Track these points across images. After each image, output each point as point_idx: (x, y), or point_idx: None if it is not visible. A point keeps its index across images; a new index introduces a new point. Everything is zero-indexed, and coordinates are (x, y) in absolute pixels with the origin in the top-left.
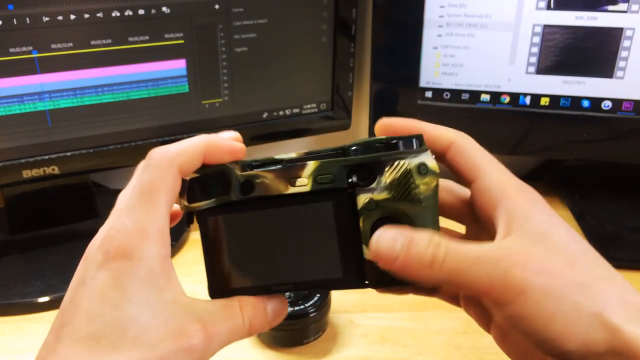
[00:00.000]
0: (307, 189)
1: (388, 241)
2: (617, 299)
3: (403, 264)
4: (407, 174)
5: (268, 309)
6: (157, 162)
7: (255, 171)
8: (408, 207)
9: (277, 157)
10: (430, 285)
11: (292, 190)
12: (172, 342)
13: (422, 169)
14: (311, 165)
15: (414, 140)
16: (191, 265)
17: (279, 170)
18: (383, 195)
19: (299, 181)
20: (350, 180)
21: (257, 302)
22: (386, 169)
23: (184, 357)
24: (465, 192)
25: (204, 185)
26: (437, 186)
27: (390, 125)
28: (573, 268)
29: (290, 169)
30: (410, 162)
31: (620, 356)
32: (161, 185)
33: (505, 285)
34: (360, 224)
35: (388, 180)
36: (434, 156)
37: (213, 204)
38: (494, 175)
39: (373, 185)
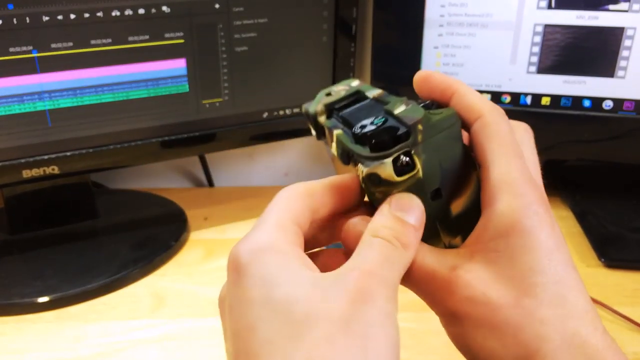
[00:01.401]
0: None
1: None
2: (560, 341)
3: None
4: (363, 181)
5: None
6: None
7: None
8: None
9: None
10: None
11: None
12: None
13: (374, 178)
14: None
15: (403, 131)
16: (191, 266)
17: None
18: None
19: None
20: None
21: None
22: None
23: None
24: None
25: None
26: (405, 190)
27: (427, 79)
28: (520, 304)
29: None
30: (364, 170)
31: None
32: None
33: (443, 308)
34: None
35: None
36: (400, 162)
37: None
38: (499, 169)
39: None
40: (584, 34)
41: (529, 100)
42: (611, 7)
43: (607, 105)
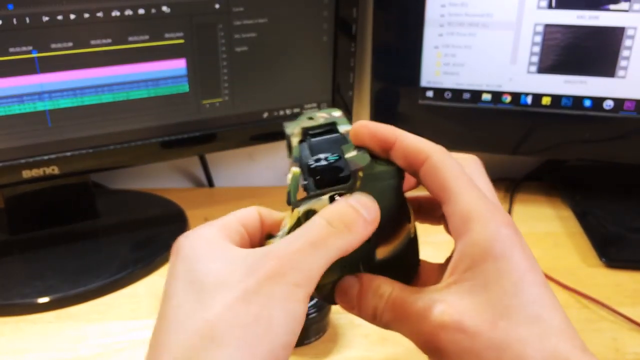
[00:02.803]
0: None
1: (345, 286)
2: (543, 358)
3: (356, 311)
4: (297, 221)
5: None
6: None
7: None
8: None
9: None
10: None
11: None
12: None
13: (310, 214)
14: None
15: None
16: None
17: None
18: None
19: None
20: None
21: None
22: (289, 214)
23: None
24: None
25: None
26: None
27: (367, 130)
28: (496, 327)
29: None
30: (300, 210)
31: None
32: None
33: (424, 343)
34: None
35: (287, 228)
36: (335, 200)
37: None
38: (461, 202)
39: (280, 233)
40: (585, 33)
41: (529, 100)
42: (612, 7)
43: (608, 105)
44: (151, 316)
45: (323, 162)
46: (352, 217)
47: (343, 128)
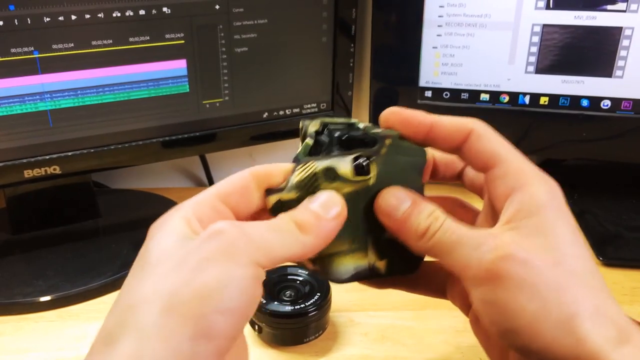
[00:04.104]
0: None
1: (394, 200)
2: (593, 309)
3: (398, 224)
4: (313, 176)
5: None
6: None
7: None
8: None
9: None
10: (419, 252)
11: None
12: None
13: (330, 173)
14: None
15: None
16: None
17: None
18: (291, 194)
19: None
20: None
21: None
22: (297, 167)
23: None
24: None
25: None
26: (350, 193)
27: (399, 117)
28: (556, 268)
29: None
30: (318, 165)
31: None
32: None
33: (480, 268)
34: None
35: (295, 180)
36: (358, 162)
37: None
38: (513, 164)
39: (283, 185)
40: (582, 34)
41: (527, 100)
42: (609, 7)
43: (605, 104)
44: None
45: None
46: (303, 216)
47: (363, 125)
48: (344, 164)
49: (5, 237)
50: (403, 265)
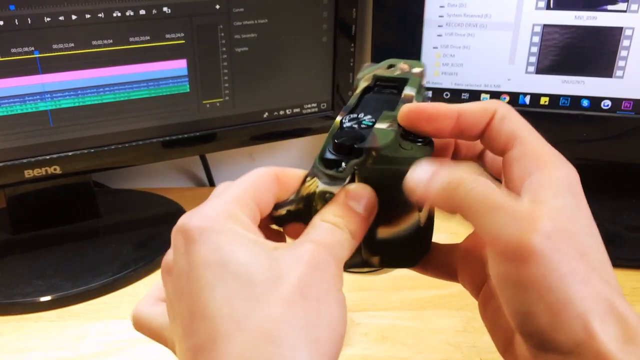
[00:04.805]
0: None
1: (426, 164)
2: (607, 307)
3: (430, 179)
4: (311, 195)
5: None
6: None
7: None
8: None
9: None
10: (446, 209)
11: None
12: None
13: (328, 197)
14: None
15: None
16: None
17: None
18: (293, 206)
19: None
20: None
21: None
22: (307, 179)
23: None
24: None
25: None
26: None
27: (422, 115)
28: (580, 260)
29: None
30: (318, 186)
31: None
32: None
33: (513, 242)
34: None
35: (303, 193)
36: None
37: None
38: (533, 145)
39: (292, 198)
40: (583, 34)
41: (527, 100)
42: (609, 7)
43: (606, 104)
44: None
45: (353, 125)
46: (350, 219)
47: (408, 90)
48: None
49: (5, 237)
50: (400, 260)
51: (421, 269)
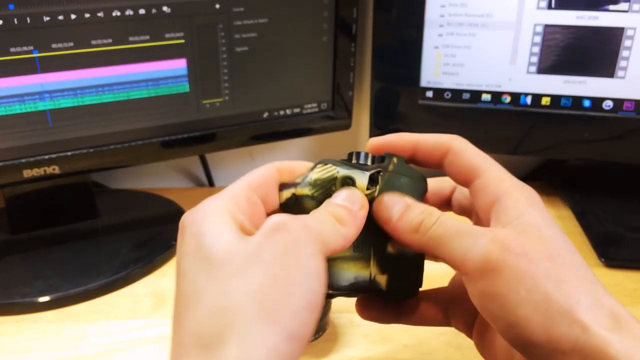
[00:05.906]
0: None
1: (390, 201)
2: (592, 300)
3: (394, 224)
4: (332, 180)
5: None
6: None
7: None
8: None
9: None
10: (417, 249)
11: None
12: None
13: (348, 181)
14: None
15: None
16: None
17: None
18: (305, 190)
19: None
20: None
21: None
22: (318, 166)
23: None
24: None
25: None
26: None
27: (383, 145)
28: (552, 261)
29: None
30: (340, 171)
31: (587, 358)
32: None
33: (480, 259)
34: None
35: (313, 177)
36: (372, 173)
37: None
38: (492, 174)
39: (298, 180)
40: (584, 34)
41: (529, 100)
42: (611, 7)
43: (607, 105)
44: (151, 315)
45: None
46: (340, 211)
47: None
48: (362, 178)
49: (4, 237)
50: (404, 286)
51: (412, 319)
